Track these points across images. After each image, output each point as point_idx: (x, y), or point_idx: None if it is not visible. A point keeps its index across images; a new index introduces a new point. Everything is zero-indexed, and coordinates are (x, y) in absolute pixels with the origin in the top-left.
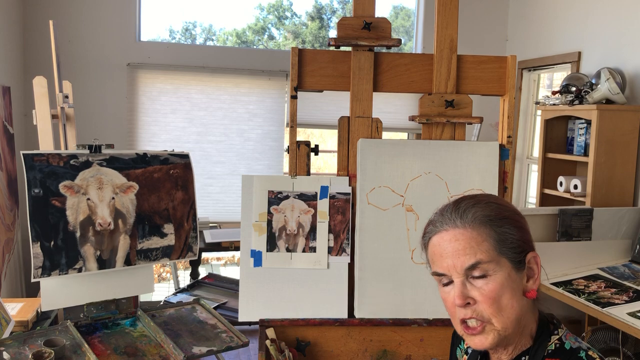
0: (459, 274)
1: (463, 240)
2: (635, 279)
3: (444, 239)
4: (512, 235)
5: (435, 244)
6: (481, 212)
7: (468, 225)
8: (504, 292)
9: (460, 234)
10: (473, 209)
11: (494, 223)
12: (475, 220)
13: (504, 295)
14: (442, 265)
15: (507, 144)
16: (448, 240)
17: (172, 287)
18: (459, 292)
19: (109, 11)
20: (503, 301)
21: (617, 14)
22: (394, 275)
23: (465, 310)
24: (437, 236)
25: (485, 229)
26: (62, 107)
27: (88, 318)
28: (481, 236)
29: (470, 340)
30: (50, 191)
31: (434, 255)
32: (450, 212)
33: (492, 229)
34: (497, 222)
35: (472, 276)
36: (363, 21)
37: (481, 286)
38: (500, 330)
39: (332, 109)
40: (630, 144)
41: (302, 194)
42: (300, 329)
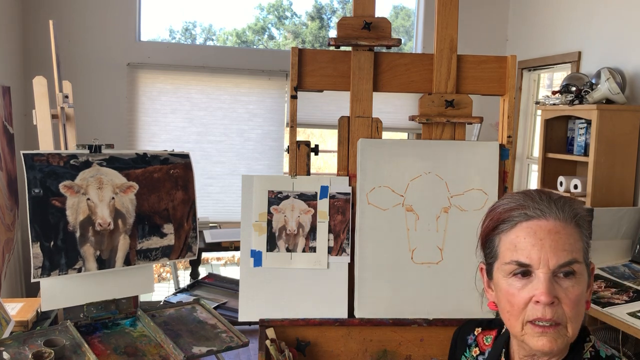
0: (549, 269)
1: (564, 235)
2: (636, 279)
3: (542, 227)
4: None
5: (528, 230)
6: (581, 211)
7: (569, 221)
8: (582, 298)
9: (562, 227)
10: (572, 205)
11: (585, 225)
12: (574, 217)
13: (581, 300)
14: (531, 255)
15: (507, 144)
16: (548, 231)
17: (172, 287)
18: (547, 288)
19: (109, 11)
20: (580, 307)
21: (617, 14)
22: (394, 275)
23: (544, 309)
24: (532, 222)
25: (579, 230)
26: (62, 107)
27: (88, 318)
28: (578, 235)
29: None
30: (50, 191)
31: (520, 241)
32: (547, 201)
33: (583, 231)
34: (586, 225)
35: (559, 274)
36: (363, 21)
37: (567, 287)
38: (570, 337)
39: (332, 109)
40: (630, 144)
41: (302, 194)
42: (300, 329)
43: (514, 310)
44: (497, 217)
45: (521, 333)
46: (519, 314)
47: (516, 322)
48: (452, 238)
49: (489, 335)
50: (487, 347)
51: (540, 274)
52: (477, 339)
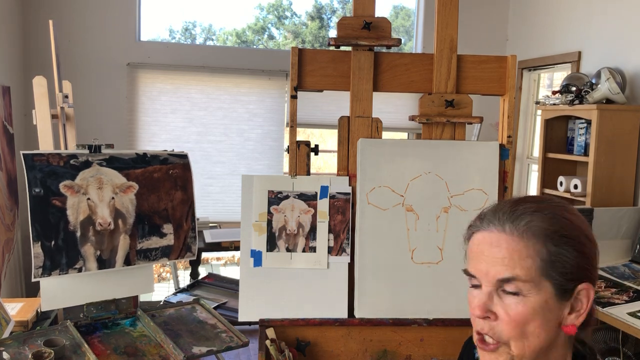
0: (490, 282)
1: (505, 248)
2: (636, 279)
3: (485, 240)
4: (568, 258)
5: (475, 242)
6: (538, 223)
7: (517, 234)
8: (533, 319)
9: (505, 241)
10: (530, 216)
11: (550, 240)
12: (528, 230)
13: (533, 322)
14: (476, 267)
15: (507, 143)
16: (489, 244)
17: (172, 287)
18: (481, 303)
19: (109, 11)
20: (529, 328)
21: (617, 14)
22: (394, 275)
23: (482, 323)
24: (480, 234)
25: (536, 244)
26: (62, 107)
27: (88, 318)
28: (527, 250)
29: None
30: (50, 191)
31: (471, 253)
32: (504, 212)
33: (545, 246)
34: (554, 240)
35: (503, 289)
36: (363, 21)
37: (509, 304)
38: (516, 357)
39: (332, 109)
40: (630, 143)
41: (302, 194)
42: (300, 329)
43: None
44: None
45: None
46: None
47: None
48: (452, 238)
49: None
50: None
51: (483, 287)
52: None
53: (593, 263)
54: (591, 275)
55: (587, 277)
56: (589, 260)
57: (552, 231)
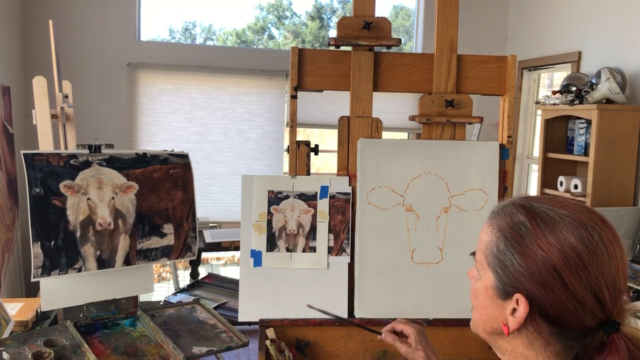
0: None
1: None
2: (635, 279)
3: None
4: (512, 262)
5: None
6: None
7: (489, 220)
8: (479, 296)
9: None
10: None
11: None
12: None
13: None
14: None
15: (507, 143)
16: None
17: (172, 287)
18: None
19: (109, 11)
20: (478, 302)
21: (617, 14)
22: (394, 275)
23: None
24: None
25: (492, 235)
26: (61, 107)
27: (88, 318)
28: (486, 236)
29: None
30: (50, 191)
31: None
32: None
33: (497, 241)
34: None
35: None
36: (363, 21)
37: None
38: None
39: (332, 109)
40: (630, 143)
41: (302, 194)
42: (300, 329)
43: None
44: None
45: None
46: None
47: None
48: (452, 238)
49: None
50: None
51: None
52: None
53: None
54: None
55: (526, 290)
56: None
57: (507, 230)
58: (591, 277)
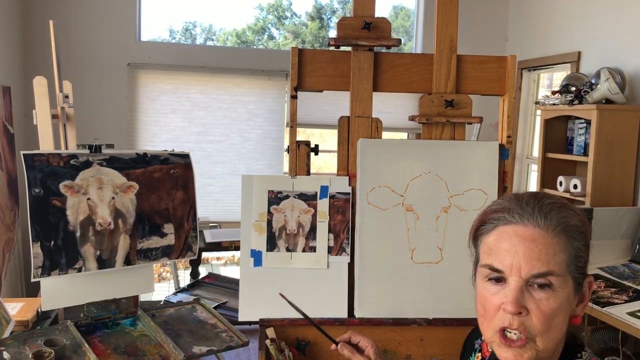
0: (521, 278)
1: (542, 243)
2: (635, 278)
3: (518, 233)
4: (583, 254)
5: (504, 235)
6: (568, 220)
7: (551, 230)
8: (560, 312)
9: (541, 236)
10: (560, 213)
11: (575, 236)
12: (558, 226)
13: (559, 315)
14: (504, 262)
15: (507, 143)
16: (523, 238)
17: (172, 287)
18: (515, 297)
19: (109, 11)
20: (555, 321)
21: (617, 14)
22: (394, 275)
23: (511, 319)
24: (510, 227)
25: (565, 240)
26: (62, 107)
27: (88, 318)
28: (560, 246)
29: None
30: (50, 191)
31: (497, 246)
32: (532, 206)
33: (571, 242)
34: (577, 236)
35: (533, 284)
36: (363, 21)
37: (541, 299)
38: (540, 352)
39: (332, 109)
40: (630, 143)
41: (302, 194)
42: (300, 328)
43: (487, 315)
44: (482, 218)
45: (490, 340)
46: (491, 319)
47: (487, 327)
48: (452, 238)
49: None
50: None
51: (512, 281)
52: (482, 345)
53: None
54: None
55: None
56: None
57: (577, 227)
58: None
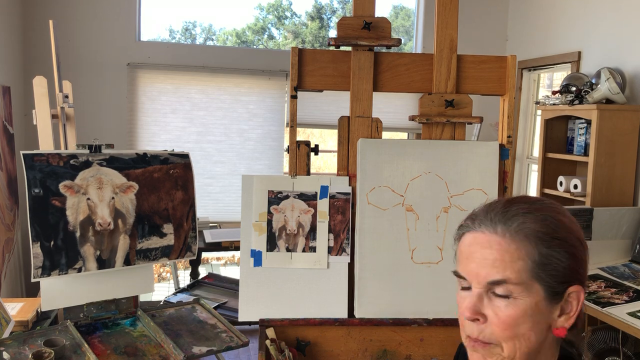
0: (480, 284)
1: (496, 250)
2: (635, 278)
3: (476, 240)
4: (560, 261)
5: (466, 243)
6: (531, 225)
7: (508, 236)
8: (523, 321)
9: (496, 243)
10: (523, 217)
11: (542, 242)
12: (519, 232)
13: (523, 324)
14: (466, 269)
15: (507, 143)
16: (480, 245)
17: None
18: (472, 304)
19: (109, 11)
20: (520, 330)
21: (617, 14)
22: (394, 275)
23: (472, 327)
24: (470, 235)
25: (527, 246)
26: (62, 107)
27: (88, 318)
28: (519, 252)
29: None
30: (50, 191)
31: (461, 254)
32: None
33: (537, 248)
34: (546, 242)
35: (493, 292)
36: (363, 21)
37: (500, 306)
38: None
39: (332, 109)
40: (630, 143)
41: (302, 194)
42: (300, 328)
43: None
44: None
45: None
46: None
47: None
48: (452, 238)
49: None
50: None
51: (474, 289)
52: None
53: (584, 265)
54: (582, 278)
55: (578, 279)
56: (580, 262)
57: (544, 233)
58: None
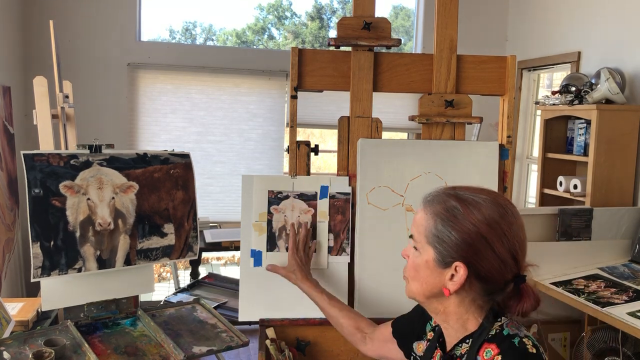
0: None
1: (417, 217)
2: (635, 278)
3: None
4: (450, 237)
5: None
6: (436, 205)
7: (424, 208)
8: (419, 269)
9: (420, 211)
10: (437, 199)
11: (440, 219)
12: (427, 208)
13: (420, 271)
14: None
15: (507, 143)
16: (417, 212)
17: (173, 287)
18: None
19: (109, 11)
20: (419, 274)
21: (617, 14)
22: (394, 275)
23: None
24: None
25: (430, 219)
26: (62, 107)
27: (88, 318)
28: (423, 221)
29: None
30: (50, 191)
31: None
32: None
33: (435, 223)
34: (442, 220)
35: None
36: (363, 21)
37: (412, 253)
38: (413, 292)
39: (332, 109)
40: (630, 143)
41: (302, 194)
42: (300, 328)
43: None
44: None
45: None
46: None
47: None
48: None
49: None
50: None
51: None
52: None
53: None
54: (470, 259)
55: (464, 258)
56: (470, 247)
57: (442, 213)
58: (510, 241)
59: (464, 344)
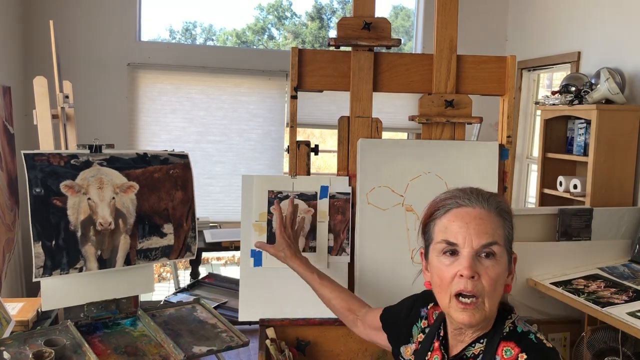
0: (473, 248)
1: (487, 221)
2: (635, 278)
3: (469, 214)
4: (511, 233)
5: (457, 215)
6: (502, 205)
7: (492, 211)
8: (501, 278)
9: (486, 216)
10: (496, 199)
11: (507, 218)
12: (497, 209)
13: (500, 280)
14: (458, 236)
15: (506, 143)
16: (473, 217)
17: (173, 287)
18: (469, 264)
19: (109, 11)
20: (497, 286)
21: (617, 14)
22: (394, 275)
23: (466, 282)
24: (461, 209)
25: (501, 220)
26: (62, 107)
27: (88, 318)
28: (499, 223)
29: (459, 314)
30: (51, 191)
31: (450, 224)
32: (476, 194)
33: (505, 222)
34: (508, 218)
35: (481, 254)
36: (363, 21)
37: (488, 266)
38: (487, 312)
39: (332, 109)
40: (629, 143)
41: (302, 194)
42: (300, 328)
43: (443, 284)
44: (434, 206)
45: (448, 306)
46: (447, 287)
47: (445, 295)
48: None
49: (437, 312)
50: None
51: (465, 252)
52: (428, 313)
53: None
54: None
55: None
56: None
57: (507, 211)
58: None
59: (478, 344)
